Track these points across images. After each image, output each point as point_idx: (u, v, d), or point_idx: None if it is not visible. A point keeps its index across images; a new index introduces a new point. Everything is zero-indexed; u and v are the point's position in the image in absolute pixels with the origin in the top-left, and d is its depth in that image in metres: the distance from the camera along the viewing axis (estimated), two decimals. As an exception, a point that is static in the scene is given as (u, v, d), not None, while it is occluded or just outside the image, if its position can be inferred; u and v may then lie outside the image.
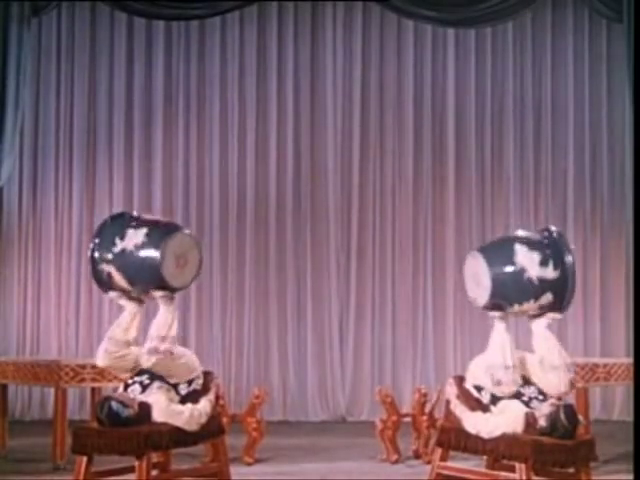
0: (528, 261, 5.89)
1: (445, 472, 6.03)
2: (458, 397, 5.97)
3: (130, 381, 5.98)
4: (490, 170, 10.61)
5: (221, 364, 10.12)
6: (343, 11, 10.58)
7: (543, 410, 5.65)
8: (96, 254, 6.03)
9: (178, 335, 6.11)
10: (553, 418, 5.57)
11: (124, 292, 6.05)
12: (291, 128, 10.56)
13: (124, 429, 5.62)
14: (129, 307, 6.07)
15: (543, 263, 5.89)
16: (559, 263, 5.92)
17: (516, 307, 5.99)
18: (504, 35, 10.62)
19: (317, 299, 10.44)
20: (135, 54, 10.48)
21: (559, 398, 5.82)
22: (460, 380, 6.06)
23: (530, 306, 5.96)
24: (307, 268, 10.47)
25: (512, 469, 5.68)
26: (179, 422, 5.77)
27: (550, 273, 5.89)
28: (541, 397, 5.82)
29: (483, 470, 6.12)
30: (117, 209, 10.32)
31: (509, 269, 5.91)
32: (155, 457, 6.00)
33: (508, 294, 5.93)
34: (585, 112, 10.60)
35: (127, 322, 6.04)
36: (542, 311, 5.98)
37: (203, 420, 5.90)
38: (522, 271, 5.89)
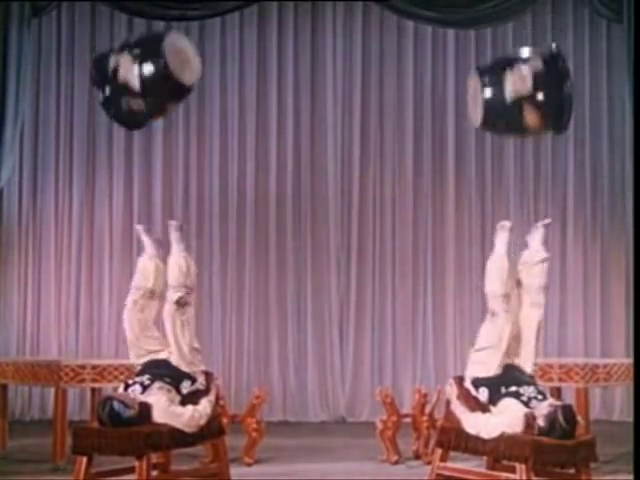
0: (520, 83, 5.86)
1: (445, 473, 6.03)
2: (458, 397, 5.98)
3: (130, 381, 5.99)
4: (490, 170, 10.61)
5: (221, 365, 10.11)
6: (343, 12, 10.59)
7: (542, 410, 5.65)
8: (112, 98, 5.96)
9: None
10: (551, 418, 5.57)
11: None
12: (291, 129, 10.56)
13: (124, 429, 5.62)
14: (148, 249, 6.29)
15: (537, 87, 5.84)
16: (554, 87, 5.88)
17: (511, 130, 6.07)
18: (504, 36, 10.62)
19: (317, 299, 10.44)
20: (135, 55, 10.47)
21: (558, 396, 5.83)
22: (460, 380, 6.07)
23: (526, 123, 5.93)
24: (307, 269, 10.48)
25: (512, 470, 5.68)
26: (179, 424, 5.77)
27: (542, 96, 5.83)
28: (540, 397, 5.82)
29: (483, 471, 6.13)
30: (117, 210, 10.39)
31: (501, 90, 5.84)
32: (155, 457, 6.01)
33: (500, 116, 5.91)
34: (585, 112, 10.59)
35: (148, 269, 6.27)
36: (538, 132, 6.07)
37: (203, 421, 5.91)
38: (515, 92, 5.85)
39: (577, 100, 10.43)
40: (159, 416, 5.75)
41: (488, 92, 5.90)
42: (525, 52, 6.11)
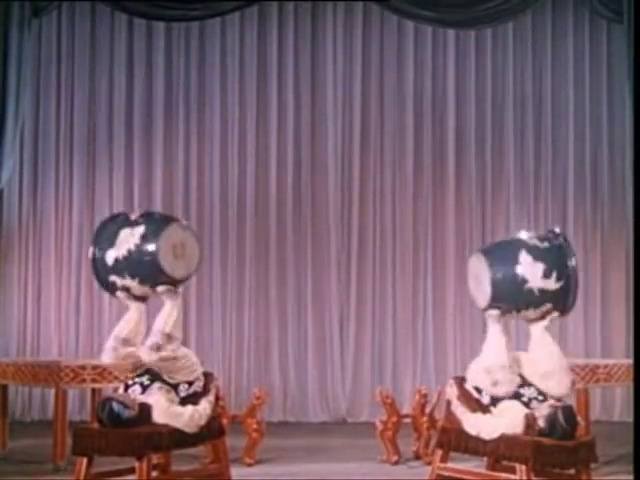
0: (531, 272, 5.87)
1: (445, 473, 6.04)
2: (459, 398, 5.98)
3: (130, 382, 5.99)
4: (490, 170, 10.60)
5: (221, 365, 10.11)
6: (343, 12, 10.58)
7: (542, 411, 5.65)
8: (98, 264, 6.13)
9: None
10: (552, 419, 5.57)
11: (129, 292, 6.07)
12: (291, 128, 10.56)
13: (124, 430, 5.63)
14: (134, 306, 6.11)
15: (546, 275, 5.87)
16: (562, 274, 5.88)
17: (514, 313, 5.99)
18: (504, 36, 10.61)
19: (317, 300, 10.44)
20: (135, 55, 10.48)
21: (559, 399, 5.82)
22: (460, 381, 6.07)
23: (528, 314, 5.96)
24: (307, 269, 10.47)
25: (512, 470, 5.68)
26: (179, 424, 5.77)
27: (552, 284, 5.87)
28: (541, 397, 5.83)
29: (483, 471, 6.13)
30: (117, 210, 10.35)
31: (511, 278, 5.88)
32: (155, 458, 6.01)
33: (508, 301, 5.94)
34: (585, 113, 10.59)
35: (134, 321, 6.08)
36: (542, 316, 5.98)
37: (203, 421, 5.91)
38: (524, 282, 5.87)
39: (577, 100, 10.58)
40: (159, 416, 5.76)
41: (499, 275, 5.90)
42: (526, 235, 6.16)
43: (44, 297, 10.30)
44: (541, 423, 5.59)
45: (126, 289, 6.06)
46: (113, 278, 6.06)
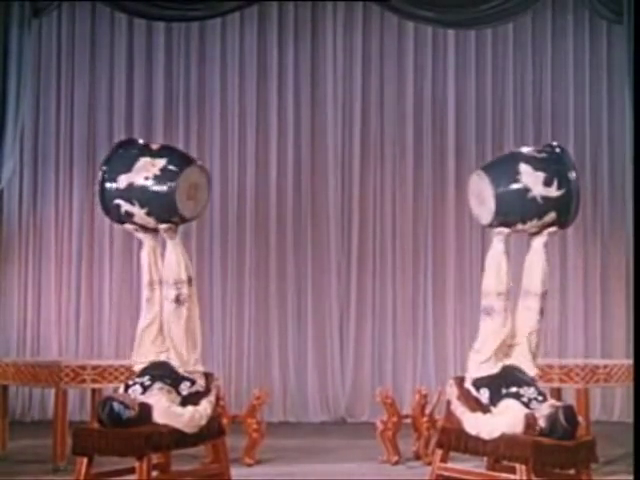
0: (532, 181, 5.96)
1: (445, 473, 6.04)
2: (459, 398, 5.98)
3: (131, 382, 5.99)
4: (490, 171, 10.60)
5: (221, 365, 10.11)
6: (343, 12, 10.59)
7: (542, 411, 5.65)
8: (107, 185, 6.04)
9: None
10: (552, 419, 5.57)
11: (131, 218, 6.07)
12: (291, 129, 10.56)
13: (124, 430, 5.63)
14: (147, 241, 6.14)
15: (547, 182, 5.95)
16: (563, 181, 5.99)
17: (519, 226, 6.08)
18: (504, 36, 10.62)
19: (317, 300, 10.44)
20: (135, 55, 10.49)
21: (558, 397, 5.83)
22: (460, 381, 6.08)
23: (533, 224, 6.03)
24: (307, 269, 10.47)
25: (512, 470, 5.68)
26: (179, 424, 5.77)
27: (554, 192, 5.96)
28: (541, 398, 5.83)
29: (483, 471, 6.13)
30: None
31: (513, 189, 5.96)
32: (155, 458, 6.01)
33: (512, 213, 6.01)
34: (585, 113, 10.60)
35: (151, 259, 6.12)
36: (545, 228, 6.06)
37: (203, 422, 5.91)
38: (526, 190, 5.95)
39: (577, 101, 10.58)
40: (159, 416, 5.76)
41: (502, 189, 5.95)
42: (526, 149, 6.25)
43: (44, 297, 10.30)
44: (542, 423, 5.59)
45: (129, 215, 6.03)
46: (119, 201, 6.01)
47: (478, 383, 5.97)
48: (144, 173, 5.97)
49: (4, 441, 7.98)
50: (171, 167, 6.00)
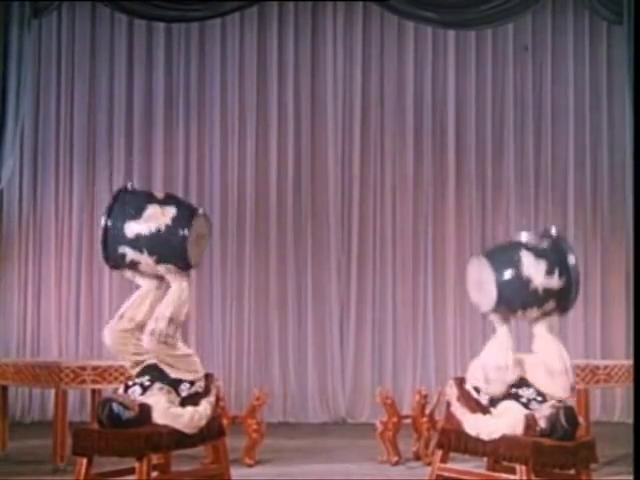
0: (534, 271, 5.92)
1: (445, 474, 6.04)
2: (458, 399, 5.98)
3: (130, 382, 5.99)
4: (490, 170, 10.60)
5: (221, 366, 10.11)
6: (343, 12, 10.58)
7: (543, 412, 5.65)
8: (112, 233, 5.98)
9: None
10: (553, 420, 5.57)
11: (135, 267, 6.02)
12: (292, 129, 10.56)
13: (124, 430, 5.62)
14: (145, 284, 6.06)
15: (549, 272, 5.92)
16: (564, 271, 5.96)
17: (519, 313, 6.02)
18: (504, 37, 10.62)
19: (317, 300, 10.44)
20: (135, 56, 10.48)
21: (559, 400, 5.82)
22: (460, 381, 6.08)
23: (533, 312, 5.99)
24: (307, 269, 10.47)
25: (512, 471, 5.68)
26: (179, 425, 5.77)
27: (555, 282, 5.94)
28: (540, 398, 5.83)
29: (483, 472, 6.13)
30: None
31: (515, 279, 5.93)
32: (155, 459, 6.01)
33: (512, 302, 5.98)
34: (585, 114, 10.60)
35: (140, 298, 6.03)
36: (545, 315, 6.01)
37: (203, 422, 5.90)
38: (528, 281, 5.91)
39: (577, 100, 10.58)
40: (159, 417, 5.75)
41: (504, 277, 5.94)
42: (526, 236, 6.20)
43: (44, 297, 10.30)
44: (542, 423, 5.59)
45: (134, 263, 5.99)
46: (125, 250, 5.95)
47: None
48: (155, 222, 5.93)
49: (4, 441, 7.98)
50: (182, 216, 5.98)
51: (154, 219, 5.94)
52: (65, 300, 10.31)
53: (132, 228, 5.93)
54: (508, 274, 5.94)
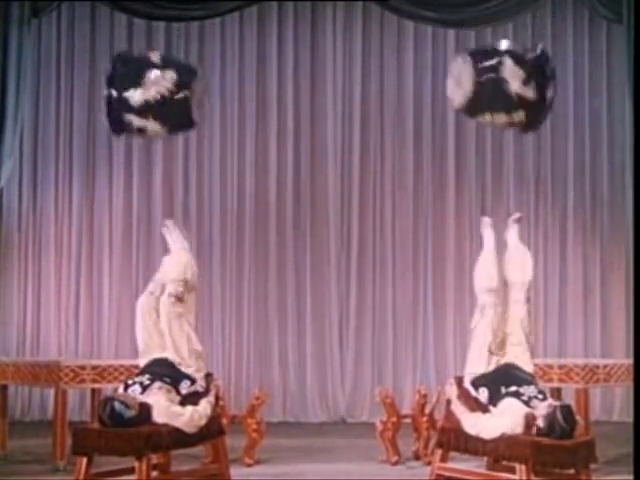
0: (511, 76, 6.00)
1: (445, 473, 6.04)
2: (458, 397, 5.98)
3: (130, 381, 5.99)
4: (490, 170, 10.61)
5: (221, 365, 10.11)
6: (343, 12, 10.59)
7: (541, 411, 5.65)
8: (116, 103, 5.98)
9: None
10: (550, 419, 5.56)
11: (141, 132, 6.07)
12: (291, 129, 10.56)
13: (124, 430, 5.62)
14: (176, 248, 6.41)
15: (526, 82, 5.98)
16: (541, 84, 6.04)
17: (487, 116, 6.08)
18: (504, 36, 10.56)
19: (317, 300, 10.44)
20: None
21: (558, 397, 5.83)
22: (460, 380, 6.08)
23: (501, 118, 6.03)
24: (307, 269, 10.47)
25: (512, 470, 5.68)
26: (179, 423, 5.77)
27: (531, 93, 6.00)
28: (541, 396, 5.82)
29: (483, 471, 6.13)
30: (117, 211, 10.39)
31: (492, 80, 6.01)
32: (155, 458, 6.01)
33: (483, 102, 6.06)
34: (585, 113, 10.60)
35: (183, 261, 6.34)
36: (511, 126, 6.13)
37: (203, 422, 5.91)
38: (503, 82, 5.98)
39: (577, 100, 10.57)
40: (159, 416, 5.75)
41: (482, 76, 6.00)
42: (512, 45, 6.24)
43: (44, 297, 10.31)
44: (540, 422, 5.58)
45: (141, 130, 6.01)
46: (131, 118, 5.97)
47: (477, 382, 5.97)
48: (155, 87, 5.93)
49: (4, 441, 7.97)
50: (182, 77, 6.00)
51: (155, 84, 5.94)
52: (65, 299, 10.31)
53: (135, 95, 5.93)
54: (486, 74, 6.00)
